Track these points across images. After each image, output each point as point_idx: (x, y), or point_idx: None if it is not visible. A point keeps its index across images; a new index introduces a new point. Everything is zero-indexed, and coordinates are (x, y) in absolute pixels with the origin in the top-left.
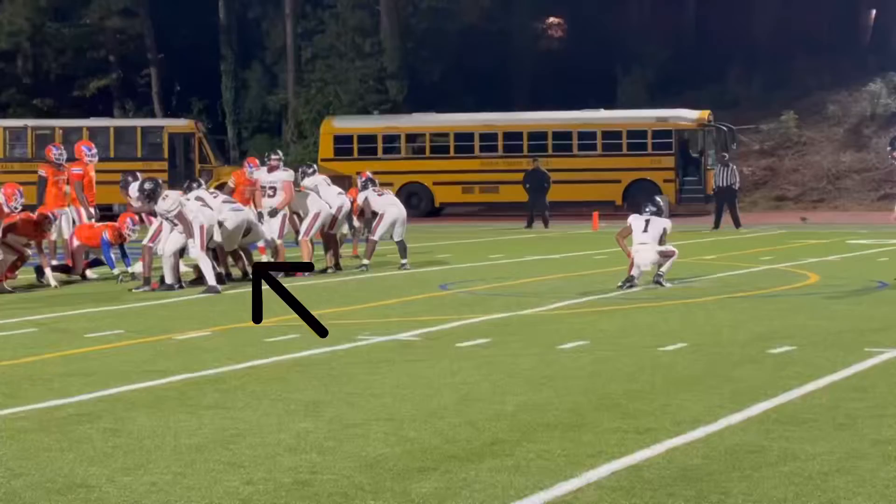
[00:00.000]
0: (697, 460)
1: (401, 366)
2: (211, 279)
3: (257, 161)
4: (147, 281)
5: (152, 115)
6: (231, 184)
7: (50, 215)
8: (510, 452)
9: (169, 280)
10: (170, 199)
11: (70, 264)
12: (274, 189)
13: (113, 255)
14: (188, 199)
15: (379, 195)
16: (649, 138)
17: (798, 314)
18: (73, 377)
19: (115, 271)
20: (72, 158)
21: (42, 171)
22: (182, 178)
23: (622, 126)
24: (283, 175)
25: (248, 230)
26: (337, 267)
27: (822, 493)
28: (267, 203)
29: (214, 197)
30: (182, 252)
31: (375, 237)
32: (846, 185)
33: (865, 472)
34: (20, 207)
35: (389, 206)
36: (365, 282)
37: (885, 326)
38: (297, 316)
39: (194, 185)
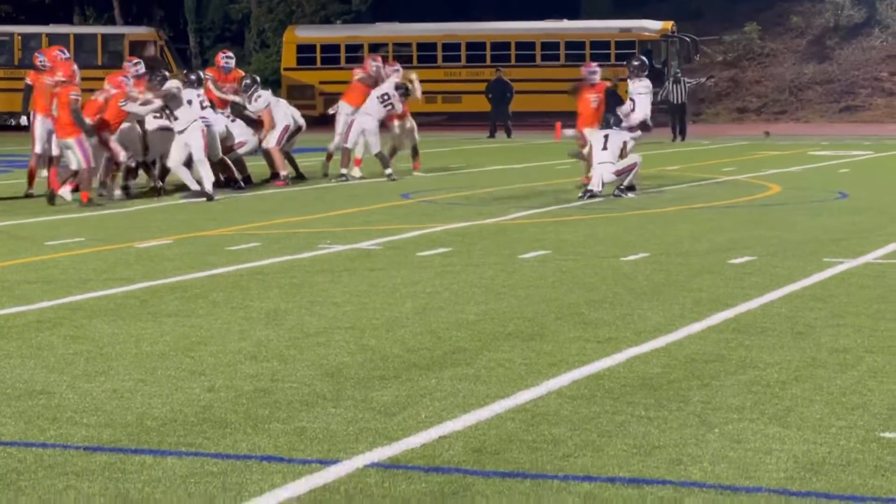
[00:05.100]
0: (657, 369)
1: (362, 275)
2: (192, 185)
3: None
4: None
5: (112, 22)
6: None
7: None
8: (471, 361)
9: (194, 187)
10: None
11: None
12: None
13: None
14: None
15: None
16: (612, 49)
17: (758, 225)
18: (34, 284)
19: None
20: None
21: (29, 80)
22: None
23: (585, 36)
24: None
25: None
26: (299, 176)
27: (779, 401)
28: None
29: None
30: (189, 163)
31: (349, 145)
32: (808, 96)
33: (822, 380)
34: None
35: (361, 115)
36: (326, 191)
37: (843, 237)
38: (259, 224)
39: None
